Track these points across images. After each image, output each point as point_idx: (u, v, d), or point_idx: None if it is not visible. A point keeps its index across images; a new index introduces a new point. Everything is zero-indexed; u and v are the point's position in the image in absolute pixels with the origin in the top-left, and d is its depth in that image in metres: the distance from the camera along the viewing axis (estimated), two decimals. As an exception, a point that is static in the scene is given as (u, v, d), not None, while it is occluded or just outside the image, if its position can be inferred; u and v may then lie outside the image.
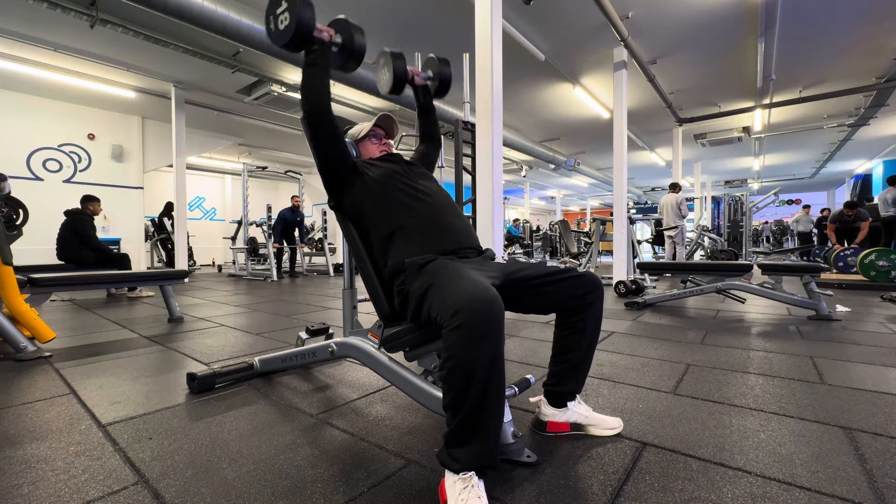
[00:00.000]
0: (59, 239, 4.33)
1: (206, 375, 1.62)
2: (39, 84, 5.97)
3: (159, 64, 5.44)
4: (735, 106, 7.20)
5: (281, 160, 10.58)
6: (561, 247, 10.30)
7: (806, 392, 1.55)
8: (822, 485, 0.96)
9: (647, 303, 3.57)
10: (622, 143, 5.03)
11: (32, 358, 2.08)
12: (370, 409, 1.43)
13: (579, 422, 1.22)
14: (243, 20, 3.87)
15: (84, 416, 1.39)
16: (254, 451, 1.13)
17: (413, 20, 4.52)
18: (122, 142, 7.23)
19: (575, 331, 1.17)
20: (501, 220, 3.05)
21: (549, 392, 1.24)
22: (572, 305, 1.16)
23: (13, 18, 4.36)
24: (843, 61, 5.57)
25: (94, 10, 3.90)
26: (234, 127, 8.09)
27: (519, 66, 5.41)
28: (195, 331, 2.74)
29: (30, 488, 0.97)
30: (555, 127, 8.43)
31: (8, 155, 6.07)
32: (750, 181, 15.12)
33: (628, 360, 1.98)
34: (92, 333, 2.68)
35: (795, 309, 3.30)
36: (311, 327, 1.91)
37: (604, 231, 5.91)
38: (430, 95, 1.62)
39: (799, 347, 2.20)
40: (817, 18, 4.56)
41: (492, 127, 2.89)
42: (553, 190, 17.22)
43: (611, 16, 4.05)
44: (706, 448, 1.13)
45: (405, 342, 1.16)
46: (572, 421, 1.22)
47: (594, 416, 1.24)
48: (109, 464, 1.08)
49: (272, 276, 6.47)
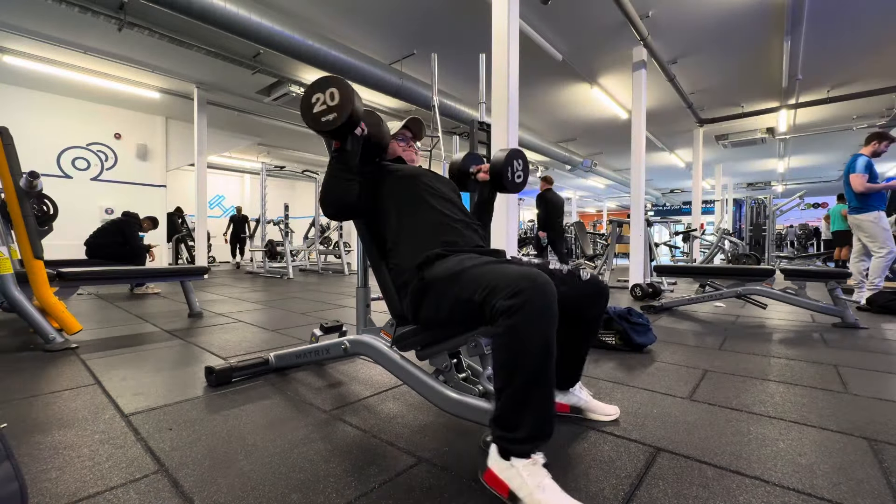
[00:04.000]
0: (102, 231, 4.58)
1: (224, 370, 1.66)
2: (69, 85, 6.20)
3: (183, 65, 5.60)
4: (759, 106, 7.01)
5: (298, 160, 10.75)
6: (576, 249, 10.20)
7: (829, 401, 1.50)
8: (843, 497, 0.93)
9: (663, 306, 3.51)
10: (640, 144, 4.95)
11: (60, 349, 2.16)
12: (382, 407, 1.44)
13: (579, 405, 1.28)
14: (264, 22, 3.95)
15: (108, 405, 1.44)
16: (269, 445, 1.16)
17: (430, 20, 4.53)
18: (147, 141, 7.45)
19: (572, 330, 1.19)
20: (516, 221, 3.03)
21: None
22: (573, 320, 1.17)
23: (47, 23, 4.55)
24: (873, 59, 5.37)
25: (122, 14, 4.04)
26: (254, 127, 8.26)
27: (535, 67, 5.38)
28: (214, 326, 2.81)
29: (57, 473, 1.01)
30: (571, 127, 8.35)
31: (40, 153, 6.32)
32: (774, 183, 14.68)
33: (643, 365, 1.95)
34: (116, 326, 2.77)
35: (819, 316, 3.19)
36: (325, 325, 1.94)
37: (620, 233, 5.82)
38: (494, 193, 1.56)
39: (822, 355, 2.13)
40: (846, 16, 4.41)
41: (507, 127, 2.88)
42: (569, 191, 17.04)
43: (630, 14, 3.99)
44: (722, 455, 1.10)
45: (417, 341, 1.17)
46: (572, 403, 1.28)
47: (593, 402, 1.29)
48: (131, 452, 1.11)
49: (288, 273, 6.57)
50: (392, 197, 1.29)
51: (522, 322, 0.85)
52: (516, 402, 0.87)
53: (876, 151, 3.69)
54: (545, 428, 0.89)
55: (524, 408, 0.87)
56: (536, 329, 0.85)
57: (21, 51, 5.20)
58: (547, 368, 0.87)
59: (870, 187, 3.61)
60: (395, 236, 1.26)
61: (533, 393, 0.87)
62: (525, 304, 0.84)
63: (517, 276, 0.89)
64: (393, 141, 1.50)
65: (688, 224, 8.01)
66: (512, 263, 0.98)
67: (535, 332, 0.85)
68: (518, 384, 0.86)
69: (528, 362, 0.85)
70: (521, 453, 0.87)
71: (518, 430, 0.87)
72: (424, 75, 5.47)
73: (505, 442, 0.89)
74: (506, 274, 0.92)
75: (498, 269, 0.96)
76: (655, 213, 19.87)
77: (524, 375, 0.86)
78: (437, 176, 1.41)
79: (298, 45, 4.25)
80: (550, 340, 0.86)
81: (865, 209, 3.69)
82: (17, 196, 2.27)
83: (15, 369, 1.83)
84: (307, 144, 9.65)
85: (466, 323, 1.03)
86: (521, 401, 0.87)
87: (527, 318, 0.85)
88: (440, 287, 1.04)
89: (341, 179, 1.21)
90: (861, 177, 3.62)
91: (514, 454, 0.88)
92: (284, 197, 11.29)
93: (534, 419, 0.87)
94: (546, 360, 0.86)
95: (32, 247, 2.30)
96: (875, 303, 3.40)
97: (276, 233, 8.65)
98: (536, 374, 0.86)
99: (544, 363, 0.86)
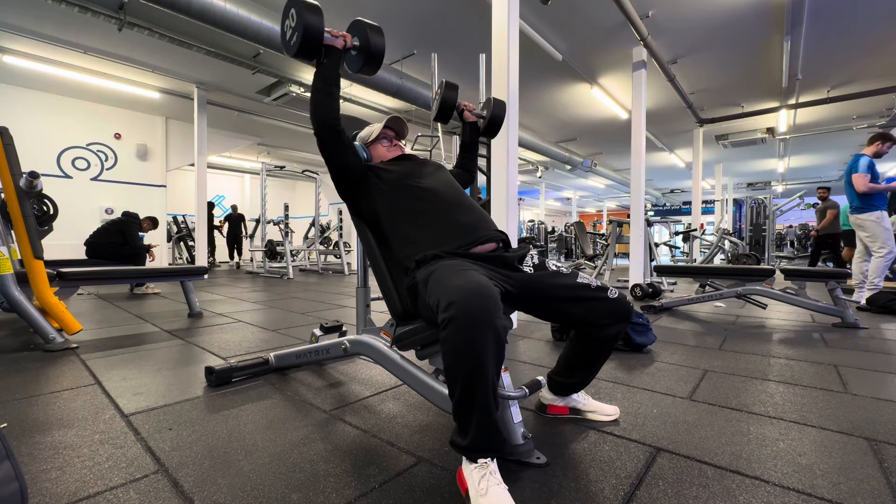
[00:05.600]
0: (102, 231, 4.57)
1: (224, 370, 1.66)
2: (69, 85, 6.20)
3: (183, 65, 5.60)
4: (759, 106, 7.00)
5: (298, 160, 10.75)
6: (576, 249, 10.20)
7: (829, 401, 1.50)
8: (843, 497, 0.93)
9: (663, 306, 3.51)
10: (640, 144, 4.95)
11: (60, 349, 2.16)
12: (382, 407, 1.44)
13: (577, 407, 1.29)
14: (264, 22, 3.95)
15: (108, 405, 1.44)
16: (269, 445, 1.16)
17: (429, 20, 4.53)
18: (147, 141, 7.45)
19: (590, 343, 1.19)
20: (516, 221, 3.03)
21: (552, 382, 1.30)
22: (594, 335, 1.16)
23: (47, 23, 4.54)
24: (874, 60, 5.37)
25: (122, 14, 4.03)
26: (254, 127, 8.26)
27: (536, 66, 5.38)
28: (213, 326, 2.81)
29: (57, 473, 1.01)
30: (571, 127, 8.35)
31: (40, 153, 6.32)
32: (774, 183, 14.68)
33: (643, 365, 1.95)
34: (116, 326, 2.77)
35: (819, 316, 3.19)
36: (325, 325, 1.94)
37: (620, 233, 5.82)
38: (476, 133, 1.62)
39: (822, 355, 2.13)
40: (847, 16, 4.40)
41: (507, 127, 2.88)
42: (569, 191, 17.04)
43: (630, 15, 3.99)
44: (722, 455, 1.11)
45: (416, 341, 1.17)
46: (571, 406, 1.29)
47: (592, 402, 1.30)
48: (131, 452, 1.11)
49: (288, 273, 6.57)
50: (384, 204, 1.28)
51: (451, 335, 0.85)
52: (459, 409, 0.90)
53: (878, 152, 3.69)
54: (487, 440, 0.90)
55: (468, 415, 0.89)
56: (462, 342, 0.84)
57: (21, 51, 5.20)
58: (479, 382, 0.86)
59: (872, 187, 3.61)
60: (393, 240, 1.27)
61: (470, 403, 0.88)
62: (453, 319, 0.85)
63: (454, 288, 0.89)
64: (377, 144, 1.46)
65: (688, 224, 8.02)
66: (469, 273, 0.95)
67: (461, 346, 0.84)
68: (457, 393, 0.88)
69: (459, 374, 0.86)
70: (470, 458, 0.91)
71: (466, 436, 0.91)
72: (424, 75, 5.47)
73: (454, 446, 0.94)
74: (447, 286, 0.92)
75: (449, 280, 0.94)
76: (655, 213, 19.88)
77: (460, 386, 0.87)
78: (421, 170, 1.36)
79: (298, 45, 4.25)
80: (479, 354, 0.84)
81: (867, 209, 3.69)
82: (17, 196, 2.27)
83: (15, 369, 1.83)
84: (307, 144, 9.65)
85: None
86: (463, 409, 0.89)
87: (453, 332, 0.85)
88: (422, 290, 1.06)
89: (320, 92, 1.23)
90: (864, 177, 3.62)
91: (466, 458, 0.92)
92: (284, 197, 11.32)
93: (475, 430, 0.89)
94: (475, 373, 0.85)
95: (32, 247, 2.30)
96: (875, 303, 3.40)
97: (276, 233, 8.67)
98: (469, 386, 0.86)
99: (474, 376, 0.85)
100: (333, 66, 1.23)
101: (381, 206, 1.29)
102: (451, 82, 1.51)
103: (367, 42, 1.25)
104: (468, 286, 0.88)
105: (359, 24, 1.28)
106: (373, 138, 1.47)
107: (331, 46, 1.21)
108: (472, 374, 0.85)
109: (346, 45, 1.23)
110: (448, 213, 1.24)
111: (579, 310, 1.12)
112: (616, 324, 1.13)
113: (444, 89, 1.51)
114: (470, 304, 0.85)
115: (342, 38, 1.22)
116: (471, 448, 0.90)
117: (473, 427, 0.89)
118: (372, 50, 1.26)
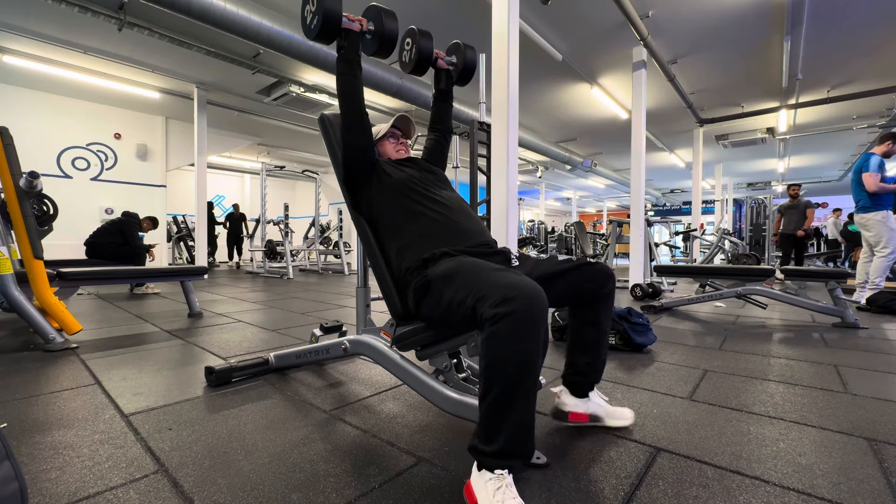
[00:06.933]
0: (102, 231, 4.58)
1: (224, 370, 1.66)
2: (69, 85, 6.20)
3: (183, 65, 5.59)
4: (759, 106, 7.00)
5: (298, 160, 10.75)
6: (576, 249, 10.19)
7: (829, 401, 1.50)
8: (843, 497, 0.93)
9: (663, 307, 3.51)
10: (640, 144, 4.95)
11: (60, 349, 2.16)
12: (382, 407, 1.44)
13: (598, 413, 1.26)
14: (264, 22, 3.95)
15: (108, 405, 1.44)
16: (268, 445, 1.16)
17: (429, 19, 4.53)
18: (147, 141, 7.45)
19: (589, 322, 1.22)
20: (516, 221, 3.03)
21: (570, 382, 1.27)
22: (587, 300, 1.20)
23: (47, 23, 4.54)
24: (874, 60, 5.37)
25: (122, 14, 4.03)
26: (254, 127, 8.25)
27: (536, 66, 5.38)
28: (213, 326, 2.81)
29: (57, 473, 1.01)
30: (571, 127, 8.34)
31: (40, 153, 6.31)
32: (774, 183, 14.68)
33: (643, 365, 1.95)
34: (116, 326, 2.77)
35: (819, 316, 3.19)
36: (325, 325, 1.93)
37: (620, 233, 5.82)
38: (451, 81, 1.64)
39: (822, 355, 2.13)
40: (847, 16, 4.40)
41: (507, 127, 2.88)
42: (569, 191, 17.03)
43: (630, 14, 3.99)
44: (722, 455, 1.11)
45: (417, 341, 1.17)
46: (591, 412, 1.26)
47: (610, 408, 1.28)
48: (131, 452, 1.11)
49: (288, 273, 6.57)
50: (387, 201, 1.31)
51: (504, 331, 0.83)
52: (494, 410, 0.85)
53: (888, 152, 3.69)
54: (520, 446, 0.86)
55: (503, 416, 0.85)
56: (518, 339, 0.83)
57: (21, 51, 5.19)
58: (525, 381, 0.84)
59: (883, 187, 3.60)
60: (394, 239, 1.27)
61: (510, 405, 0.84)
62: (510, 314, 0.83)
63: (507, 284, 0.88)
64: (385, 141, 1.51)
65: (688, 224, 8.02)
66: (511, 272, 0.96)
67: (516, 342, 0.83)
68: (496, 394, 0.85)
69: (506, 372, 0.84)
70: (490, 467, 0.86)
71: (493, 442, 0.85)
72: (424, 75, 5.47)
73: (476, 452, 0.88)
74: (496, 282, 0.91)
75: (491, 275, 0.94)
76: (655, 213, 19.86)
77: (502, 385, 0.84)
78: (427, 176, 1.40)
79: (298, 45, 4.25)
80: (532, 353, 0.84)
81: (874, 208, 3.68)
82: (17, 196, 2.27)
83: (15, 369, 1.83)
84: (307, 144, 9.64)
85: (462, 324, 1.02)
86: (498, 409, 0.85)
87: (509, 327, 0.83)
88: (439, 285, 1.04)
89: (345, 76, 1.31)
90: (875, 176, 3.61)
91: (485, 466, 0.86)
92: (284, 197, 11.32)
93: (509, 433, 0.85)
94: (525, 372, 0.84)
95: (32, 247, 2.30)
96: (875, 303, 3.40)
97: (276, 233, 8.66)
98: (514, 385, 0.84)
99: (523, 375, 0.84)
100: (353, 47, 1.31)
101: (381, 202, 1.31)
102: (423, 30, 1.47)
103: (382, 26, 1.34)
104: (524, 283, 0.88)
105: (373, 9, 1.36)
106: (380, 136, 1.52)
107: (348, 29, 1.29)
108: (521, 370, 0.84)
109: (362, 28, 1.32)
110: (453, 217, 1.28)
111: (570, 279, 1.17)
112: (604, 283, 1.18)
113: (419, 38, 1.46)
114: (532, 300, 0.85)
115: (358, 21, 1.31)
116: (499, 454, 0.85)
117: (507, 429, 0.85)
118: (386, 33, 1.35)
